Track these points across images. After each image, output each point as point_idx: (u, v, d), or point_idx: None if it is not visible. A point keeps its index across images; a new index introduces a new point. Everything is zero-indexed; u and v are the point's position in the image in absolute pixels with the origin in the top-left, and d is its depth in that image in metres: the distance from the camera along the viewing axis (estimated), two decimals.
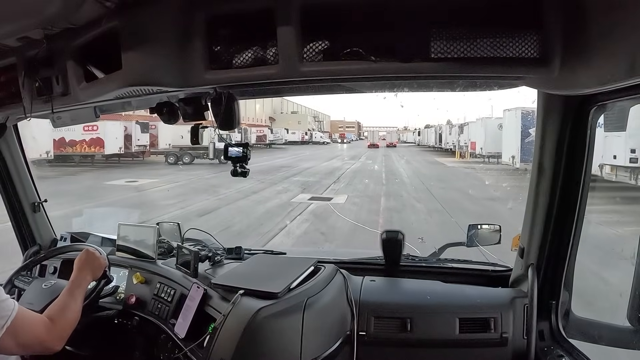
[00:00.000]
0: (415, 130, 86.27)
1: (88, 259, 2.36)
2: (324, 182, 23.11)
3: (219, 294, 2.41)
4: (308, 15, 1.53)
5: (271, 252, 3.03)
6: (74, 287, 2.20)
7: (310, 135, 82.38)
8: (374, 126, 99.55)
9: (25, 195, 3.23)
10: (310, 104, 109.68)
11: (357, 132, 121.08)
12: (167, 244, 3.08)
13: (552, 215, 2.18)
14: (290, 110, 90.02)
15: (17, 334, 1.78)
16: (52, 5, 1.51)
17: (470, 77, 1.77)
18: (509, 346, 2.28)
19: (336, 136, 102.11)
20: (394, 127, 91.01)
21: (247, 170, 2.32)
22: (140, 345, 2.85)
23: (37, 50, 1.97)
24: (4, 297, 1.79)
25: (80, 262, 2.33)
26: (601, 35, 1.32)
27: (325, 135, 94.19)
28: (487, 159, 32.08)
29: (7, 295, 1.83)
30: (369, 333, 2.34)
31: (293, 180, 23.58)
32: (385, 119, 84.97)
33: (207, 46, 1.66)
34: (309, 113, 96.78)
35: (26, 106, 2.12)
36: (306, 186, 21.17)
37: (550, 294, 2.28)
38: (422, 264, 2.82)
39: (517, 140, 23.39)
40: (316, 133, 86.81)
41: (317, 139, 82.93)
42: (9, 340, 1.76)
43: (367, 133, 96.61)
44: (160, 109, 2.23)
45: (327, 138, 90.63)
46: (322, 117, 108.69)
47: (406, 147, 72.80)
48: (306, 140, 78.25)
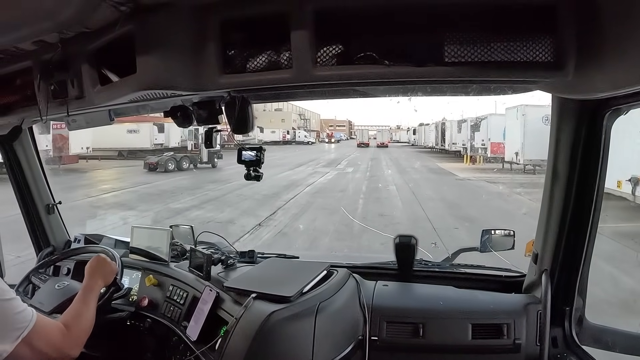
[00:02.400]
0: (409, 128, 75.03)
1: (99, 265, 2.39)
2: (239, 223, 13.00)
3: (231, 297, 2.41)
4: (322, 20, 1.54)
5: (284, 255, 3.03)
6: (87, 293, 2.23)
7: (293, 134, 74.23)
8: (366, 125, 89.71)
9: (40, 197, 3.27)
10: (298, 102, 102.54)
11: (348, 131, 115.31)
12: (180, 247, 3.09)
13: (566, 220, 2.16)
14: (274, 107, 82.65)
15: (33, 343, 1.79)
16: (67, 10, 1.53)
17: (484, 82, 1.77)
18: (522, 353, 2.26)
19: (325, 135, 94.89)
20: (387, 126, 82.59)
21: (260, 174, 2.33)
22: (151, 347, 2.86)
23: (52, 54, 1.99)
24: (22, 307, 1.80)
25: (92, 269, 2.35)
26: (616, 40, 1.31)
27: (312, 134, 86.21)
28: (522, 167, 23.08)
29: (25, 305, 1.83)
30: (381, 338, 2.32)
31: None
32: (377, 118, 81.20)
33: (221, 50, 1.67)
34: (293, 111, 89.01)
35: (42, 109, 2.15)
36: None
37: (563, 300, 2.26)
38: (435, 269, 2.81)
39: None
40: (300, 132, 77.85)
41: (301, 139, 73.93)
42: (25, 349, 1.77)
43: (357, 132, 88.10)
44: (175, 112, 2.25)
45: (313, 137, 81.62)
46: (309, 115, 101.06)
47: (399, 147, 64.80)
48: (288, 140, 70.10)
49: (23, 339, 1.75)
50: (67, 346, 1.95)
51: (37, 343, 1.81)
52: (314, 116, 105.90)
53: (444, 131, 40.46)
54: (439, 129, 42.86)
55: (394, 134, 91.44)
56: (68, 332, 1.97)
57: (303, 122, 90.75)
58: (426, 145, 51.70)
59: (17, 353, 1.75)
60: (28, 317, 1.79)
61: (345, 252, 9.69)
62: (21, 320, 1.77)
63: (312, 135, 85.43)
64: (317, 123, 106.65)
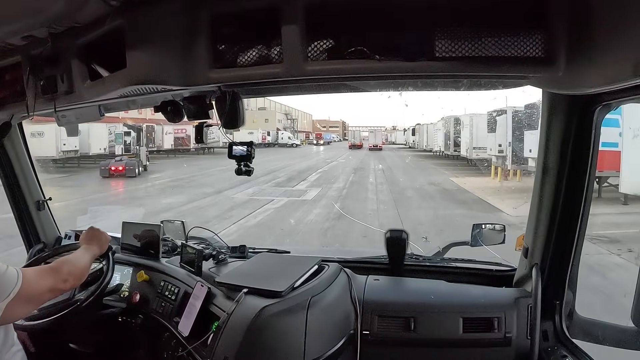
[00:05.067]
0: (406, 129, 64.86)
1: (94, 233, 2.47)
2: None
3: (222, 292, 2.41)
4: (312, 14, 1.53)
5: (275, 250, 3.03)
6: (84, 251, 2.31)
7: (275, 135, 65.64)
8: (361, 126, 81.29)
9: (30, 193, 3.25)
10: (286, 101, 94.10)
11: (341, 132, 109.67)
12: (171, 242, 3.09)
13: (557, 215, 2.18)
14: (258, 106, 75.51)
15: (27, 295, 1.85)
16: (57, 4, 1.51)
17: (474, 77, 1.77)
18: (513, 346, 2.28)
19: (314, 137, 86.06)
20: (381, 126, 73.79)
21: (251, 169, 2.32)
22: (143, 343, 2.86)
23: (42, 49, 1.97)
24: (3, 268, 1.83)
25: (87, 237, 2.43)
26: (606, 35, 1.32)
27: (300, 135, 79.61)
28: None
29: (6, 265, 1.86)
30: (372, 332, 2.34)
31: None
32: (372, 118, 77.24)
33: (212, 45, 1.66)
34: (279, 109, 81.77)
35: (29, 104, 2.13)
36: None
37: (554, 294, 2.28)
38: (426, 263, 2.82)
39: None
40: (283, 133, 68.65)
41: (284, 141, 64.80)
42: (20, 305, 1.84)
43: (350, 133, 79.85)
44: (165, 107, 2.23)
45: (297, 139, 72.02)
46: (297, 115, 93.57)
47: (395, 150, 54.77)
48: (270, 142, 61.14)
49: (14, 297, 1.79)
50: (59, 281, 2.02)
51: (31, 294, 1.88)
52: (306, 116, 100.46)
53: (459, 131, 28.97)
54: (449, 128, 30.80)
55: (389, 135, 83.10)
56: (59, 267, 2.07)
57: (290, 122, 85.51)
58: (430, 149, 40.89)
59: (14, 312, 1.83)
60: (13, 277, 1.83)
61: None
62: (7, 282, 1.81)
63: (302, 136, 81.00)
64: (309, 123, 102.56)
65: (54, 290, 2.01)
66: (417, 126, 48.54)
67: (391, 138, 79.62)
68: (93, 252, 2.38)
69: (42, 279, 1.96)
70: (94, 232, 2.47)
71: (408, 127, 57.85)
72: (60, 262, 2.11)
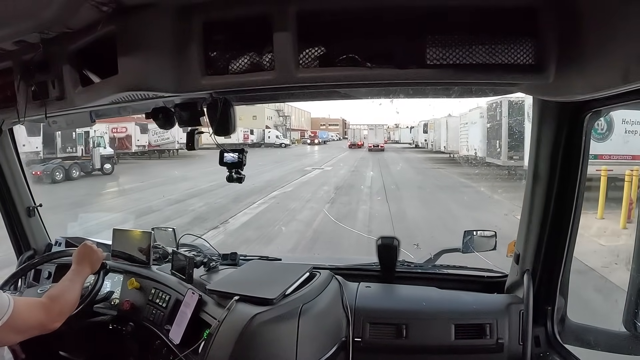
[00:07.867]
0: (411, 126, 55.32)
1: (86, 252, 2.39)
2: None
3: (214, 299, 2.40)
4: (304, 22, 1.54)
5: (266, 258, 3.02)
6: (74, 275, 2.24)
7: (262, 134, 56.05)
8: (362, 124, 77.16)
9: (20, 199, 3.22)
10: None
11: (341, 130, 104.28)
12: (162, 250, 3.06)
13: (548, 221, 2.19)
14: None
15: (15, 325, 1.81)
16: (49, 10, 1.51)
17: (465, 84, 1.78)
18: (505, 352, 2.28)
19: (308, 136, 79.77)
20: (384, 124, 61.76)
21: (242, 176, 2.32)
22: (134, 351, 2.83)
23: (33, 54, 1.96)
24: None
25: (79, 255, 2.36)
26: (596, 43, 1.33)
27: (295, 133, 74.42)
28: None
29: (0, 290, 1.83)
30: (364, 339, 2.33)
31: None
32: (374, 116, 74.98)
33: (204, 52, 1.66)
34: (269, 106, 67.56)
35: (20, 110, 2.12)
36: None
37: (545, 299, 2.29)
38: (418, 270, 2.82)
39: None
40: (270, 131, 59.38)
41: (271, 140, 55.93)
42: (7, 333, 1.79)
43: (349, 132, 70.89)
44: (156, 114, 2.23)
45: (288, 138, 63.40)
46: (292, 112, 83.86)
47: (400, 152, 44.66)
48: (255, 143, 51.50)
49: (4, 325, 1.76)
50: (49, 319, 1.97)
51: (20, 324, 1.83)
52: (304, 114, 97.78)
53: (511, 127, 18.56)
54: (498, 119, 19.37)
55: (392, 133, 73.59)
56: (51, 304, 2.00)
57: (282, 119, 78.31)
58: (450, 152, 30.40)
59: (1, 338, 1.80)
60: (5, 304, 1.79)
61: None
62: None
63: (295, 134, 76.43)
64: (307, 121, 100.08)
65: (42, 328, 1.96)
66: (432, 121, 38.02)
67: (394, 136, 71.77)
68: (85, 275, 2.34)
69: (33, 314, 1.92)
70: (86, 249, 2.42)
71: (419, 122, 45.93)
72: (53, 298, 2.04)
